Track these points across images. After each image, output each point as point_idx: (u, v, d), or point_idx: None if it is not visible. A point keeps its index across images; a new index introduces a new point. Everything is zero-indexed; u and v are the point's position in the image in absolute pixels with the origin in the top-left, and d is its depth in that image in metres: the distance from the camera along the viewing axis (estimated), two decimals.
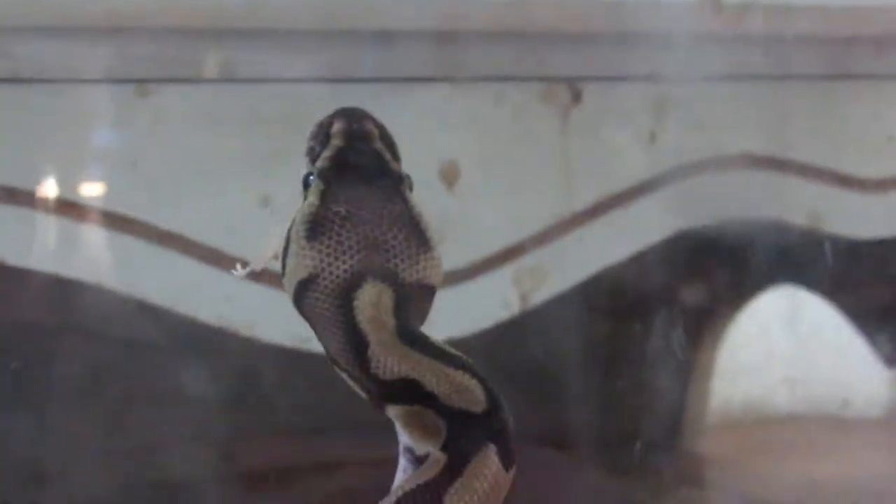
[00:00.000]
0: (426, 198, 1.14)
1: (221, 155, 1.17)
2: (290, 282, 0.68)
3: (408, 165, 1.13)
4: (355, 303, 0.66)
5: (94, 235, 1.14)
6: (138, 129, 1.15)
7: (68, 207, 1.12)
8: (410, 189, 0.73)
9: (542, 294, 1.23)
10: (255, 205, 1.15)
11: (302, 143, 0.90)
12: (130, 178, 1.14)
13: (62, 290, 1.17)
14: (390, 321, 0.66)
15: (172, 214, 1.14)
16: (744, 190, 1.36)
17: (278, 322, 1.15)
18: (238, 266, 0.77)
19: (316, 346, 1.15)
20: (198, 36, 1.15)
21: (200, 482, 1.56)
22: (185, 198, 1.16)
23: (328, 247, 0.68)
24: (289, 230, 0.70)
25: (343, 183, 0.71)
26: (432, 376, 0.67)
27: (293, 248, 0.68)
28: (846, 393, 2.27)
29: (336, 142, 0.72)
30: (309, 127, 0.74)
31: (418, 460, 0.70)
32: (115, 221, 1.12)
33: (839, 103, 1.41)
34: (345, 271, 0.67)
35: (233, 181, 1.17)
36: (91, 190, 1.14)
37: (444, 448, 0.68)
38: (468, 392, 0.67)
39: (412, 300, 0.69)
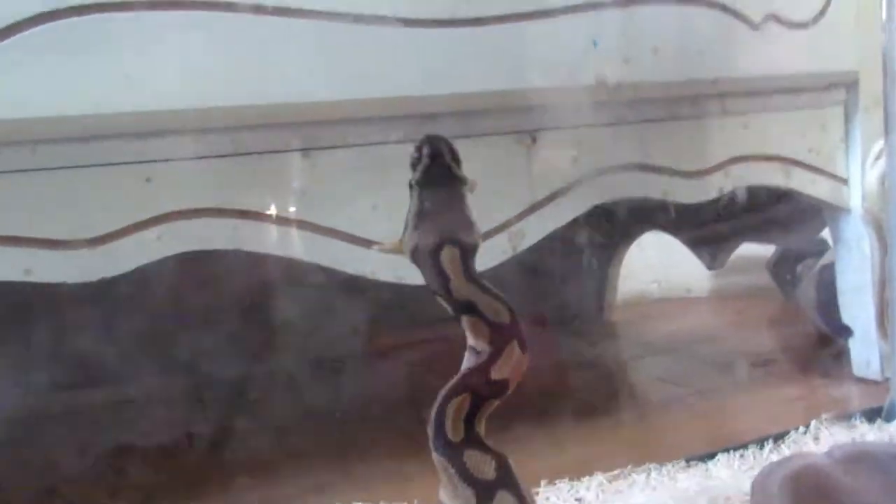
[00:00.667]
0: None
1: None
2: (408, 248, 0.73)
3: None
4: (440, 257, 0.71)
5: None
6: None
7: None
8: (464, 184, 0.74)
9: (523, 245, 1.20)
10: (370, 209, 1.13)
11: None
12: None
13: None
14: (459, 266, 0.70)
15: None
16: (628, 182, 1.31)
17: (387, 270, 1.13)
18: (375, 246, 0.83)
19: (409, 281, 1.15)
20: None
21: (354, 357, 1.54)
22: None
23: (423, 232, 0.72)
24: (406, 220, 0.74)
25: (428, 188, 0.73)
26: (482, 301, 0.71)
27: (408, 231, 0.73)
28: (689, 285, 2.23)
29: (425, 160, 0.74)
30: None
31: (476, 353, 0.73)
32: None
33: (675, 131, 1.36)
34: (433, 242, 0.71)
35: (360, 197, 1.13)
36: None
37: (490, 344, 0.70)
38: (500, 313, 0.71)
39: (467, 253, 0.71)
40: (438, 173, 0.72)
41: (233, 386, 1.42)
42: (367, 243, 1.10)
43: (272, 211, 1.09)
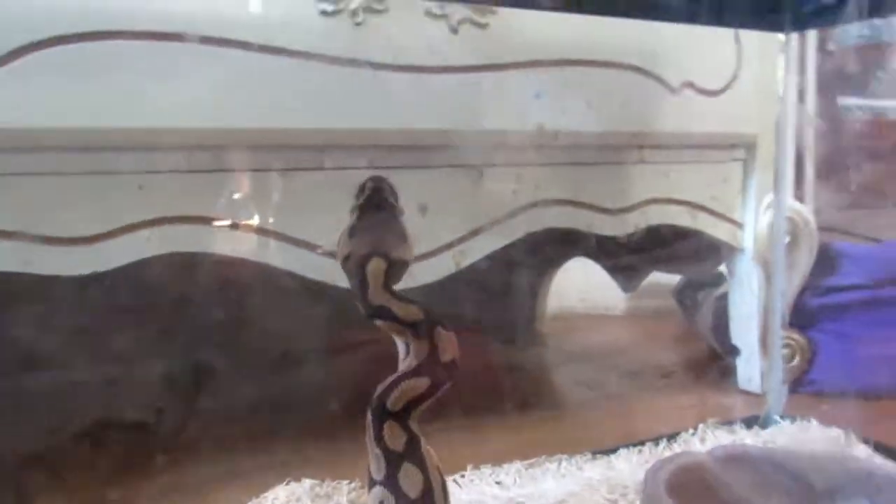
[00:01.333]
0: (411, 218, 1.13)
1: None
2: (340, 256, 0.71)
3: (406, 207, 1.11)
4: (367, 267, 0.69)
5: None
6: None
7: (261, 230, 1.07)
8: (402, 214, 0.74)
9: (465, 262, 1.21)
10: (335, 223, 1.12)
11: None
12: None
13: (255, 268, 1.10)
14: (381, 276, 0.67)
15: None
16: (558, 214, 1.33)
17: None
18: (319, 249, 0.81)
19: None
20: None
21: (316, 350, 1.52)
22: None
23: (356, 242, 0.69)
24: (341, 234, 0.72)
25: (367, 213, 0.73)
26: (395, 306, 0.69)
27: (343, 241, 0.71)
28: (607, 304, 2.25)
29: (367, 192, 0.74)
30: None
31: (405, 343, 0.71)
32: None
33: (601, 174, 1.38)
34: (363, 253, 0.69)
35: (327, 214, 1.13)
36: None
37: (414, 337, 0.69)
38: (413, 313, 0.69)
39: (395, 267, 0.69)
40: (377, 200, 0.73)
41: (205, 372, 1.39)
42: (330, 253, 1.10)
43: (253, 220, 1.08)
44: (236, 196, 1.09)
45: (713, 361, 1.70)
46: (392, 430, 0.68)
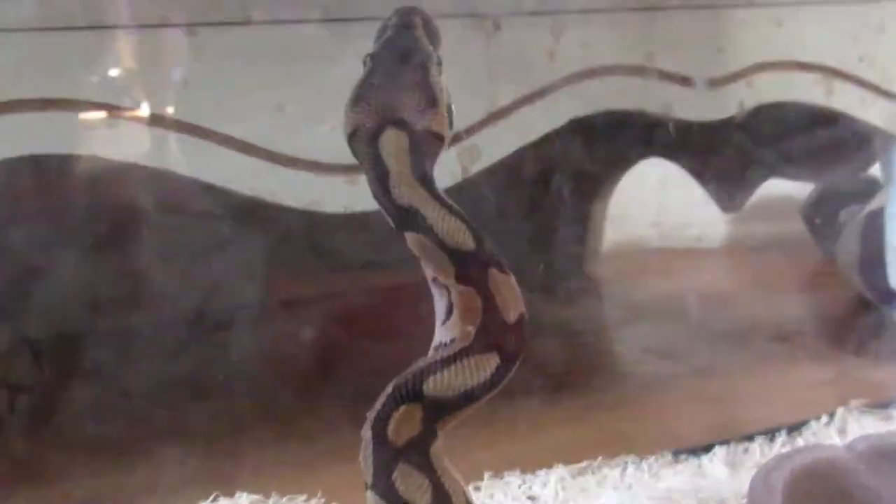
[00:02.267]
0: None
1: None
2: (345, 133, 0.72)
3: None
4: (379, 143, 0.69)
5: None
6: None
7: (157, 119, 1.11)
8: (439, 65, 0.74)
9: (477, 166, 1.23)
10: (274, 110, 1.15)
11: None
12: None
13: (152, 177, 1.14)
14: (406, 157, 0.69)
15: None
16: (619, 89, 1.36)
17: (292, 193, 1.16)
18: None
19: (326, 208, 1.18)
20: None
21: (248, 308, 1.58)
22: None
23: (362, 110, 0.71)
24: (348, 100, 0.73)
25: (383, 62, 0.73)
26: (434, 213, 0.69)
27: (346, 111, 0.72)
28: (698, 231, 2.30)
29: (388, 32, 0.74)
30: None
31: (445, 288, 0.71)
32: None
33: (682, 24, 1.40)
34: (372, 124, 0.70)
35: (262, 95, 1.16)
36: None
37: (458, 280, 0.69)
38: (459, 233, 0.69)
39: (423, 143, 0.70)
40: (401, 44, 0.73)
41: (77, 341, 1.44)
42: (268, 155, 1.13)
43: (142, 107, 1.11)
44: (114, 66, 1.11)
45: (860, 314, 1.75)
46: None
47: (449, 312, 0.71)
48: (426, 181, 0.70)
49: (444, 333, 0.72)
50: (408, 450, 0.69)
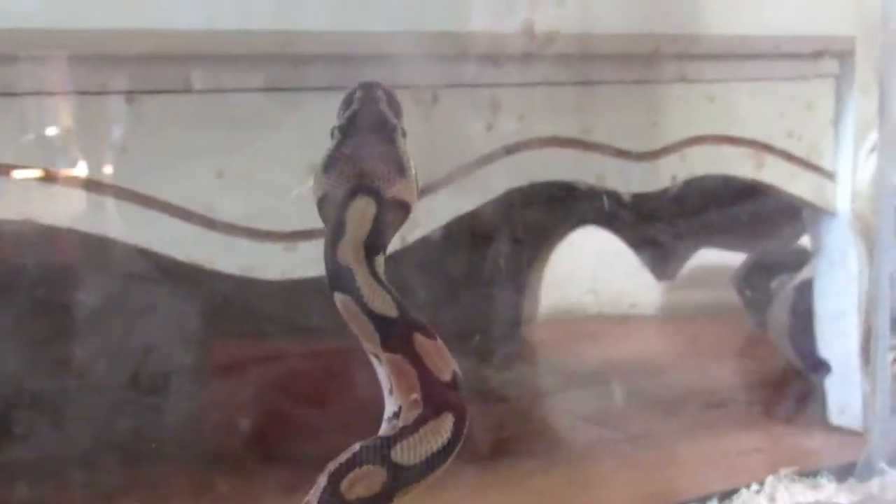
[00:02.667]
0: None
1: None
2: (315, 197, 0.73)
3: (322, 147, 1.16)
4: (348, 209, 0.70)
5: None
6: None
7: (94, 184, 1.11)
8: (404, 136, 0.75)
9: (414, 235, 1.24)
10: (214, 177, 1.15)
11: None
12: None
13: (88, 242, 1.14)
14: (368, 225, 0.70)
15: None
16: (555, 161, 1.37)
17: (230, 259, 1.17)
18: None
19: (263, 274, 1.18)
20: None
21: (183, 372, 1.57)
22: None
23: (333, 177, 0.72)
24: (319, 166, 0.73)
25: (353, 133, 0.73)
26: (363, 280, 0.69)
27: (316, 177, 0.72)
28: (633, 299, 2.33)
29: (354, 105, 0.74)
30: None
31: (376, 357, 0.71)
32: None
33: (620, 99, 1.43)
34: (344, 191, 0.71)
35: (202, 161, 1.16)
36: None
37: (385, 348, 0.69)
38: (384, 301, 0.69)
39: (390, 211, 0.71)
40: (368, 117, 0.74)
41: (9, 404, 1.42)
42: (206, 221, 1.13)
43: (80, 172, 1.11)
44: (52, 131, 1.11)
45: (790, 383, 1.78)
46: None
47: (391, 387, 0.71)
48: (372, 251, 0.70)
49: (392, 404, 0.72)
50: None
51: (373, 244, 0.70)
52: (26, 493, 1.30)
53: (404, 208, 0.73)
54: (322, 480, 0.68)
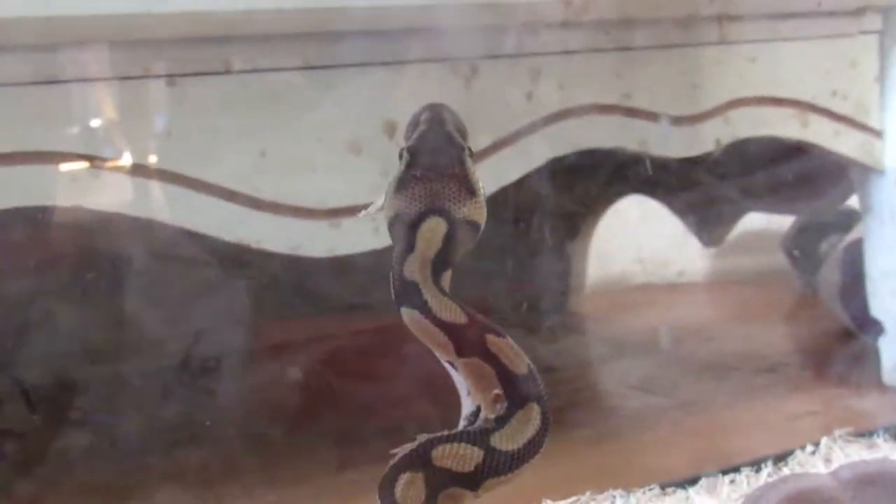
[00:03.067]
0: (375, 145, 1.18)
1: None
2: (387, 217, 0.77)
3: (362, 125, 1.16)
4: (419, 229, 0.74)
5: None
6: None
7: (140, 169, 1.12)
8: (471, 156, 0.78)
9: None
10: (257, 156, 1.16)
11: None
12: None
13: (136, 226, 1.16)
14: (438, 244, 0.73)
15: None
16: (598, 128, 1.37)
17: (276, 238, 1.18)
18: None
19: (310, 252, 1.19)
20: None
21: (237, 352, 1.58)
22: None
23: (406, 198, 0.75)
24: (388, 187, 0.78)
25: (422, 155, 0.77)
26: (430, 293, 0.72)
27: (388, 197, 0.77)
28: (680, 266, 2.32)
29: (422, 127, 0.78)
30: None
31: (451, 365, 0.76)
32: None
33: (660, 64, 1.42)
34: (415, 211, 0.74)
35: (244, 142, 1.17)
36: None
37: (459, 354, 0.73)
38: (453, 311, 0.73)
39: (459, 232, 0.74)
40: (436, 138, 0.77)
41: (64, 389, 1.44)
42: (251, 201, 1.15)
43: (125, 156, 1.12)
44: (96, 117, 1.12)
45: (842, 344, 1.76)
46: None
47: (472, 421, 0.75)
48: (440, 268, 0.74)
49: (470, 405, 0.75)
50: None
51: (441, 262, 0.74)
52: (82, 475, 1.32)
53: (474, 228, 0.76)
54: (413, 444, 0.71)
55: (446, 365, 0.76)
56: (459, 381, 0.76)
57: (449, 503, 0.71)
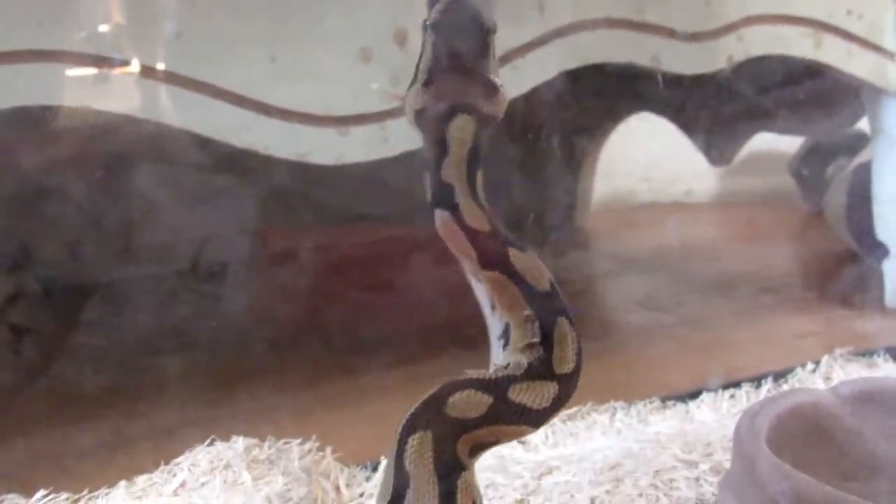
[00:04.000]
0: (385, 53, 1.17)
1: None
2: (411, 108, 0.76)
3: (373, 33, 1.15)
4: (449, 127, 0.74)
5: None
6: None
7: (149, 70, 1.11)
8: (494, 32, 0.77)
9: None
10: (267, 62, 1.16)
11: None
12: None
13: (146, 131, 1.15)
14: (469, 143, 0.74)
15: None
16: (608, 42, 1.36)
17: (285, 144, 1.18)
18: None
19: (318, 159, 1.19)
20: None
21: (243, 258, 1.59)
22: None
23: (433, 92, 0.75)
24: (416, 69, 0.77)
25: (447, 35, 0.76)
26: (462, 196, 0.73)
27: (415, 88, 0.76)
28: (687, 185, 2.32)
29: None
30: None
31: (478, 280, 0.76)
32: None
33: None
34: (443, 107, 0.74)
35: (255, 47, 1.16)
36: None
37: (483, 265, 0.74)
38: (478, 217, 0.74)
39: (485, 127, 0.75)
40: (461, 15, 0.75)
41: (75, 292, 1.46)
42: (261, 107, 1.14)
43: (134, 58, 1.12)
44: (106, 19, 1.12)
45: (846, 266, 1.77)
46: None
47: (506, 340, 0.75)
48: (474, 167, 0.74)
49: (497, 322, 0.76)
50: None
51: (474, 161, 0.74)
52: (92, 375, 1.34)
53: (495, 120, 0.76)
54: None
55: (470, 279, 0.76)
56: (482, 296, 0.76)
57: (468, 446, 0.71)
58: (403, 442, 0.68)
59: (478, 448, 0.72)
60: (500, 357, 0.75)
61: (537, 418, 0.72)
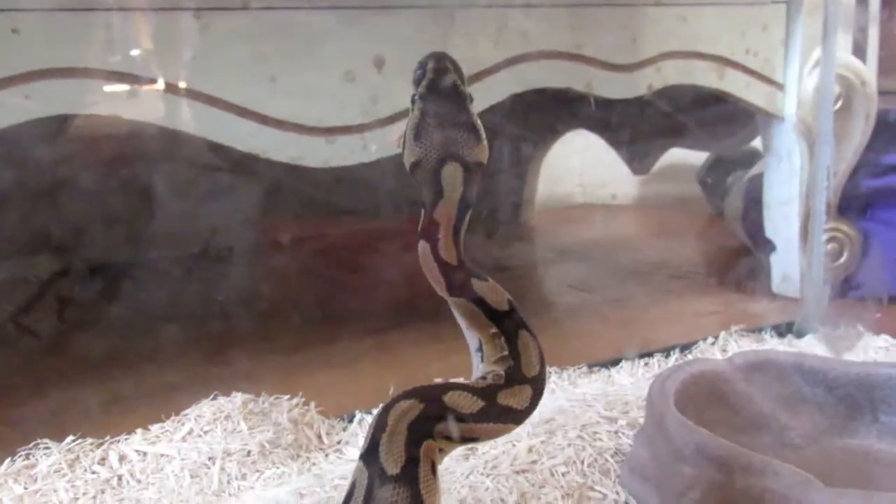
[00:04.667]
0: (366, 75, 1.16)
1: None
2: (408, 162, 0.74)
3: (356, 58, 1.14)
4: (442, 173, 0.73)
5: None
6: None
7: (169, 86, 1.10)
8: (471, 101, 0.76)
9: None
10: (268, 81, 1.14)
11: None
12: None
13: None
14: (460, 187, 0.73)
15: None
16: (550, 71, 1.36)
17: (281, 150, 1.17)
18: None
19: (308, 163, 1.18)
20: None
21: (246, 244, 1.58)
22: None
23: (424, 145, 0.74)
24: (405, 132, 0.76)
25: (432, 102, 0.75)
26: (444, 232, 0.72)
27: (408, 143, 0.74)
28: (614, 190, 2.32)
29: (429, 76, 0.75)
30: None
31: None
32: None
33: (604, 19, 1.40)
34: (434, 157, 0.73)
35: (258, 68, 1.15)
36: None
37: (451, 293, 0.73)
38: (450, 252, 0.72)
39: (472, 171, 0.74)
40: (443, 86, 0.74)
41: (109, 270, 1.44)
42: (261, 118, 1.13)
43: (156, 76, 1.10)
44: (133, 41, 1.10)
45: (741, 258, 1.78)
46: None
47: (482, 354, 0.74)
48: (464, 209, 0.73)
49: (473, 338, 0.76)
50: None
51: (465, 204, 0.73)
52: (121, 338, 1.33)
53: (481, 167, 0.75)
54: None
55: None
56: (460, 318, 0.76)
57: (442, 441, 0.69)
58: (395, 401, 0.68)
59: (464, 441, 0.70)
60: (479, 368, 0.74)
61: (519, 417, 0.71)
